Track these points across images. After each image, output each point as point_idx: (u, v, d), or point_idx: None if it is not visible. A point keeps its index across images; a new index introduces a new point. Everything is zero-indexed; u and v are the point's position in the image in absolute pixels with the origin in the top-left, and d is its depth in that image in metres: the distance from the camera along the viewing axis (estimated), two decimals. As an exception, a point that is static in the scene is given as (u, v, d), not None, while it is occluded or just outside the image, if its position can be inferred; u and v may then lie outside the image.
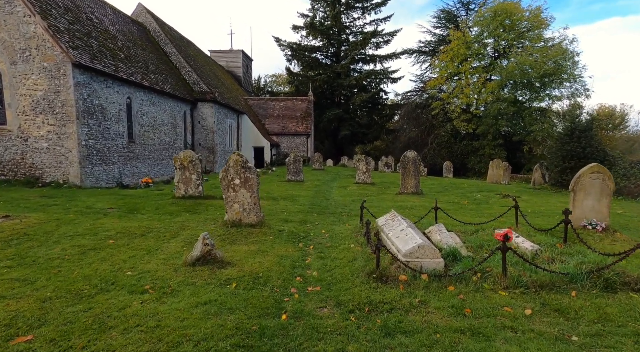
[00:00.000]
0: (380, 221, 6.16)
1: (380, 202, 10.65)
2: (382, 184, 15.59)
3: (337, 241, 5.95)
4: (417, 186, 11.99)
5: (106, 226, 6.62)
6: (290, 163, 15.76)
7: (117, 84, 13.98)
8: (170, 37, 22.89)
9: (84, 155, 12.05)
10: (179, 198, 9.61)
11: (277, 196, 11.02)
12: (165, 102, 18.13)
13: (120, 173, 14.16)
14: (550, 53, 24.72)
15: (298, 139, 32.27)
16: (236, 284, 4.01)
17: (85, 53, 12.36)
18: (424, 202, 10.51)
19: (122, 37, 16.99)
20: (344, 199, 11.30)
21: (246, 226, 6.60)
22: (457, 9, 36.02)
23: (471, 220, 7.83)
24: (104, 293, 3.76)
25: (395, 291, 3.82)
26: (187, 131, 21.00)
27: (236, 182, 6.71)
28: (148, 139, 16.47)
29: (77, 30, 12.96)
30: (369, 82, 42.97)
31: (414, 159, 11.92)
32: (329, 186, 14.84)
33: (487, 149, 27.37)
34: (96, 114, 12.75)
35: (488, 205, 10.36)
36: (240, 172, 6.68)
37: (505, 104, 25.65)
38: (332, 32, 42.31)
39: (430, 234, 5.77)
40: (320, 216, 8.42)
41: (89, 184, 12.19)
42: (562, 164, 14.16)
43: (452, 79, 31.81)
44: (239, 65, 39.27)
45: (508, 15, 27.38)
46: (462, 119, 29.15)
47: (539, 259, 4.63)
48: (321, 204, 10.19)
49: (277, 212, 8.51)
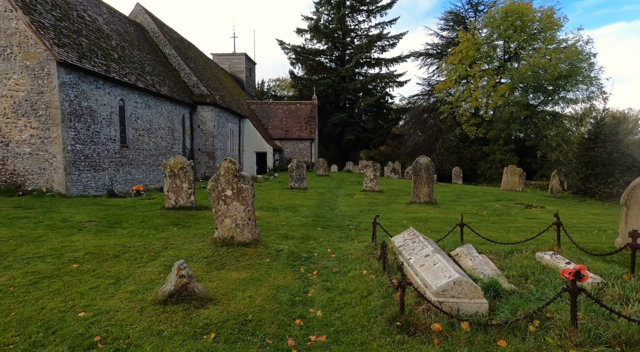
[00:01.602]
0: (397, 241, 5.18)
1: (391, 213, 9.66)
2: (390, 191, 14.60)
3: (345, 265, 4.98)
4: (430, 195, 10.99)
5: (76, 244, 5.68)
6: (292, 169, 14.83)
7: (108, 85, 13.15)
8: (170, 39, 22.16)
9: (69, 161, 11.17)
10: (168, 209, 8.69)
11: (277, 206, 10.06)
12: (162, 105, 17.30)
13: (112, 180, 13.29)
14: (565, 55, 23.69)
15: (302, 143, 31.37)
16: (215, 335, 3.04)
17: (72, 51, 11.55)
18: (439, 213, 9.51)
19: (117, 37, 16.22)
20: (351, 209, 10.33)
21: (239, 245, 5.64)
22: (465, 11, 35.16)
23: (497, 236, 6.83)
24: (37, 349, 2.80)
25: (428, 348, 2.83)
26: (186, 135, 20.16)
27: (228, 194, 5.76)
28: (143, 143, 15.61)
29: (65, 27, 12.17)
30: (374, 85, 42.13)
31: (427, 165, 10.93)
32: (334, 194, 13.88)
33: (498, 155, 26.28)
34: (85, 116, 11.90)
35: (511, 217, 9.33)
36: (232, 182, 5.74)
37: (517, 107, 24.59)
38: (336, 35, 41.59)
39: (458, 258, 4.78)
40: (325, 230, 7.45)
41: (75, 192, 11.30)
42: (586, 171, 13.10)
43: (460, 82, 30.86)
44: (241, 69, 38.62)
45: (520, 16, 26.44)
46: (471, 123, 28.12)
47: (605, 297, 3.62)
48: (326, 215, 9.22)
49: (277, 225, 7.55)
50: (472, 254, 4.70)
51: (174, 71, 20.87)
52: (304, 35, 42.85)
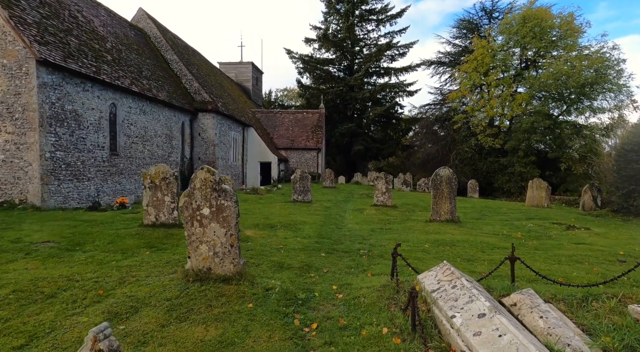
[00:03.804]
0: (427, 281, 3.79)
1: (408, 233, 8.27)
2: (404, 206, 13.18)
3: (357, 315, 3.61)
4: (452, 212, 9.57)
5: (8, 276, 4.42)
6: (296, 181, 13.54)
7: (98, 87, 12.12)
8: (172, 44, 21.32)
9: (47, 169, 10.04)
10: (147, 226, 7.43)
11: (276, 223, 8.74)
12: (159, 111, 16.26)
13: (98, 191, 12.13)
14: (589, 61, 22.21)
15: (308, 153, 30.15)
16: None
17: (57, 50, 10.55)
18: (465, 234, 8.08)
19: (114, 40, 15.32)
20: (361, 227, 8.96)
21: (216, 280, 4.32)
22: (479, 18, 33.98)
23: (549, 269, 5.42)
24: None
25: None
26: (185, 144, 19.07)
27: (204, 213, 4.47)
28: (136, 151, 14.50)
29: (51, 25, 11.21)
30: (383, 95, 40.99)
31: (448, 178, 9.54)
32: (341, 209, 12.52)
33: (517, 167, 24.65)
34: (68, 121, 10.82)
35: (553, 240, 7.85)
36: (210, 198, 4.45)
37: (539, 117, 23.04)
38: (345, 44, 40.77)
39: (519, 311, 3.37)
40: (330, 256, 6.10)
41: (52, 204, 10.14)
42: (628, 186, 11.54)
43: (473, 91, 29.51)
44: (248, 78, 37.90)
45: (538, 21, 25.14)
46: (487, 134, 26.62)
47: None
48: (332, 235, 7.87)
49: (271, 249, 6.22)
50: (539, 306, 3.29)
51: (175, 77, 19.94)
52: (312, 45, 42.20)
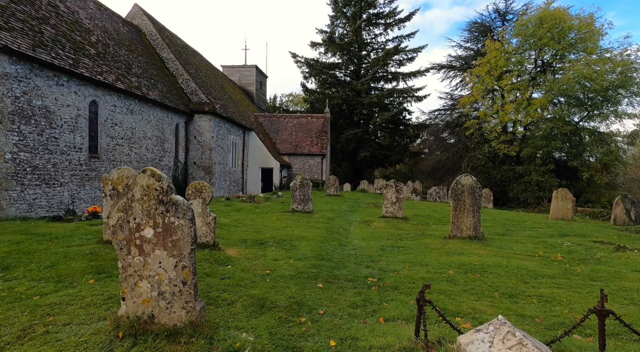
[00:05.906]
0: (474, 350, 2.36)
1: (425, 253, 6.81)
2: (416, 218, 11.73)
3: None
4: (476, 227, 8.10)
5: None
6: (296, 188, 12.16)
7: (75, 82, 10.91)
8: (169, 42, 20.22)
9: (7, 172, 8.78)
10: (107, 243, 6.07)
11: (267, 239, 7.35)
12: (150, 111, 15.04)
13: (73, 197, 10.85)
14: (613, 65, 20.70)
15: (312, 159, 28.80)
16: None
17: (24, 37, 9.36)
18: (494, 256, 6.61)
19: (101, 34, 14.18)
20: (369, 244, 7.53)
21: (159, 336, 2.93)
22: (492, 20, 32.66)
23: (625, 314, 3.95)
24: None
25: None
26: (180, 147, 17.82)
27: (146, 235, 3.10)
28: (121, 154, 13.24)
29: (21, 11, 10.06)
30: (391, 100, 39.71)
31: (471, 187, 8.08)
32: (345, 220, 11.10)
33: (534, 176, 23.05)
34: (36, 118, 9.58)
35: (605, 266, 6.34)
36: (155, 214, 3.08)
37: (559, 122, 21.50)
38: (352, 48, 39.68)
39: None
40: (329, 287, 4.68)
41: (14, 212, 8.86)
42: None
43: (486, 96, 28.07)
44: (251, 81, 36.88)
45: (556, 22, 23.74)
46: (501, 140, 25.10)
47: None
48: (333, 255, 6.44)
49: (254, 277, 4.82)
50: None
51: (170, 77, 18.79)
52: (317, 49, 41.21)
